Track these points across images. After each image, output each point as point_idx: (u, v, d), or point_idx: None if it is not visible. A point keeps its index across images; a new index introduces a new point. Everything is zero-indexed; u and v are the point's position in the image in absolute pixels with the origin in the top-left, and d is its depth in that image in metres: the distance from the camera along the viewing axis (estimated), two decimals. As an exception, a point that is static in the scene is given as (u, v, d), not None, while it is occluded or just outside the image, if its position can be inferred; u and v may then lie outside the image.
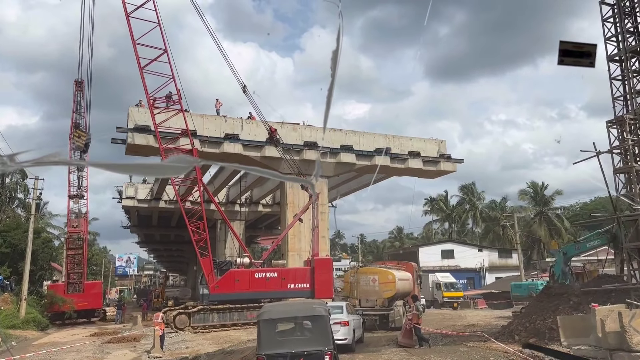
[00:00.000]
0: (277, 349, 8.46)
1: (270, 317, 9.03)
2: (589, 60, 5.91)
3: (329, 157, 34.13)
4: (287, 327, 9.10)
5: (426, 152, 36.85)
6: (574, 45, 5.88)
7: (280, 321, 9.09)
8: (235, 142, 31.63)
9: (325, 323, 8.82)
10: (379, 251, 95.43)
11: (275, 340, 8.70)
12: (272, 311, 9.44)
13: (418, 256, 51.65)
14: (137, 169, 4.27)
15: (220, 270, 24.95)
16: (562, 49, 5.73)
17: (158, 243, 79.63)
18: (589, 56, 5.82)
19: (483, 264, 51.84)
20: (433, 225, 69.51)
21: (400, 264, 26.00)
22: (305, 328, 8.97)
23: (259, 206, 53.77)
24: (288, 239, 32.28)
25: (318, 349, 8.29)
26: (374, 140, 35.95)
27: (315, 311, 9.01)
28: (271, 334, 8.80)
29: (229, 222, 29.22)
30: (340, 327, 14.24)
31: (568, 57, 5.94)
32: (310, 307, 9.55)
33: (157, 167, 5.06)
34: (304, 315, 9.10)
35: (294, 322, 9.13)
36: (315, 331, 8.77)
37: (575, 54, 5.92)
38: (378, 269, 23.83)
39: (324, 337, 8.60)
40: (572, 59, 5.97)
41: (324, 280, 24.60)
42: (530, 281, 24.59)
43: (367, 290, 22.16)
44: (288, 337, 8.90)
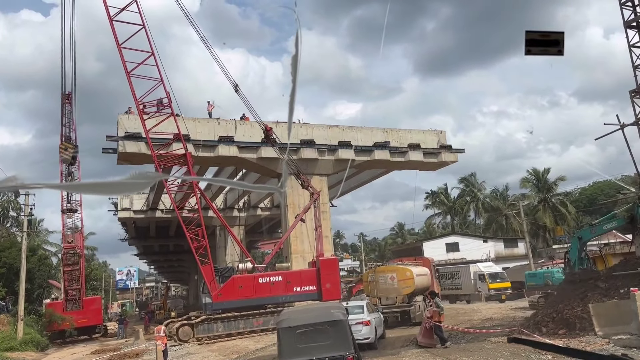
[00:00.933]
0: (298, 356, 8.43)
1: (290, 325, 8.93)
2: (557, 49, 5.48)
3: (327, 155, 33.21)
4: (306, 334, 8.88)
5: (426, 144, 35.98)
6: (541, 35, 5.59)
7: (299, 328, 8.90)
8: (230, 144, 30.69)
9: (344, 327, 8.76)
10: (380, 249, 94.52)
11: (295, 348, 8.61)
12: (290, 319, 9.29)
13: (422, 251, 50.71)
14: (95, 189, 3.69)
15: (222, 277, 23.96)
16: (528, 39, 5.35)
17: (157, 254, 78.73)
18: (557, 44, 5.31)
19: (489, 255, 50.92)
20: (435, 219, 68.66)
21: (417, 260, 25.96)
22: (325, 333, 8.79)
23: (257, 210, 52.80)
24: (290, 241, 31.34)
25: (339, 354, 8.29)
26: (372, 135, 35.06)
27: (334, 316, 8.93)
28: (291, 341, 8.70)
29: (229, 227, 28.22)
30: (362, 326, 14.40)
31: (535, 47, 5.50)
32: (329, 312, 9.36)
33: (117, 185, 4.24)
34: (323, 321, 8.96)
35: (313, 329, 8.92)
36: (335, 336, 8.67)
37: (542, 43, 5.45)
38: (395, 266, 24.12)
39: (344, 341, 8.55)
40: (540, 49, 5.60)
41: (331, 281, 23.63)
42: (545, 269, 23.69)
43: (386, 288, 22.69)
44: (308, 343, 8.69)
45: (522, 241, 54.37)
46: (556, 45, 5.12)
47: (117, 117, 29.40)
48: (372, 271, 24.58)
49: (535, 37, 5.16)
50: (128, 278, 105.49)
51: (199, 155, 29.77)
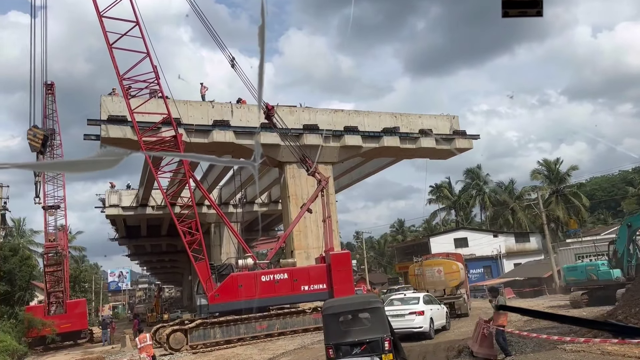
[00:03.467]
0: (342, 338, 9.23)
1: (334, 312, 9.81)
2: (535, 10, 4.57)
3: (332, 141, 30.39)
4: (348, 319, 9.78)
5: (438, 129, 33.24)
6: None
7: (342, 314, 9.80)
8: (226, 129, 27.81)
9: (381, 313, 9.57)
10: (380, 247, 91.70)
11: (339, 331, 9.44)
12: (334, 306, 10.15)
13: (429, 247, 48.06)
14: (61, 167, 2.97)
15: (220, 275, 21.09)
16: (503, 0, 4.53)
17: (150, 254, 75.91)
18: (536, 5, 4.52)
19: (500, 251, 48.30)
20: (439, 214, 65.92)
21: (449, 255, 27.04)
22: (364, 319, 9.69)
23: (254, 206, 49.75)
24: (293, 236, 28.51)
25: (378, 337, 9.00)
26: (380, 120, 32.28)
27: (372, 304, 9.87)
28: (335, 326, 9.55)
29: (226, 218, 25.23)
30: (416, 316, 15.37)
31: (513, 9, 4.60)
32: (367, 300, 10.57)
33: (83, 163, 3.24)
34: (362, 307, 9.93)
35: (354, 315, 9.87)
36: (373, 321, 9.46)
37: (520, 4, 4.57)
38: (442, 260, 25.45)
39: (382, 325, 9.30)
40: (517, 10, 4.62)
41: (343, 279, 20.78)
42: (588, 262, 21.04)
43: (433, 281, 23.66)
44: (350, 327, 9.58)
45: (534, 236, 51.95)
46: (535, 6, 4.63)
47: (100, 99, 26.48)
48: (418, 265, 25.19)
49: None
50: (120, 280, 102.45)
51: (191, 142, 26.82)
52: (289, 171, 29.66)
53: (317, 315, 20.75)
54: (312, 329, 20.43)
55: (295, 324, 20.42)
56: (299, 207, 27.26)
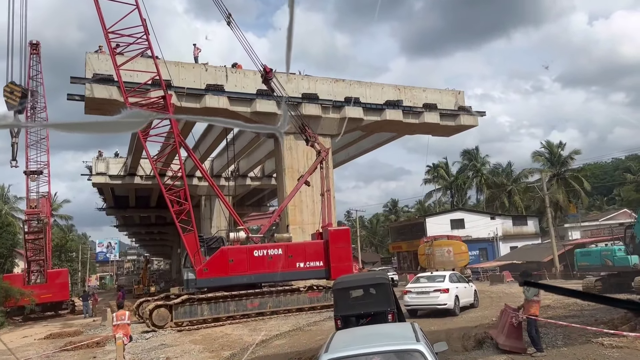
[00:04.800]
0: (350, 311, 9.87)
1: (343, 287, 10.45)
2: None
3: (332, 112, 28.77)
4: (356, 294, 10.61)
5: (442, 104, 31.67)
6: None
7: (350, 289, 10.57)
8: (220, 94, 26.07)
9: (387, 289, 10.02)
10: (372, 226, 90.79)
11: (348, 304, 10.14)
12: (343, 282, 10.85)
13: (425, 227, 46.89)
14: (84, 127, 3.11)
15: (209, 248, 19.65)
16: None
17: (138, 226, 74.59)
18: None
19: (496, 233, 47.27)
20: (435, 194, 64.71)
21: (450, 238, 28.87)
22: (371, 294, 10.39)
23: (246, 179, 48.15)
24: (288, 211, 27.06)
25: (383, 309, 9.54)
26: (383, 92, 30.63)
27: (378, 280, 10.52)
28: (344, 299, 10.21)
29: (218, 189, 23.65)
30: (440, 293, 15.81)
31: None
32: (374, 277, 11.51)
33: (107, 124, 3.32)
34: (369, 283, 10.75)
35: (362, 289, 10.74)
36: (379, 296, 10.02)
37: None
38: (451, 241, 26.98)
39: (387, 300, 9.80)
40: None
41: (341, 256, 19.43)
42: (603, 246, 19.83)
43: (442, 260, 25.02)
44: (358, 301, 10.39)
45: (532, 219, 51.01)
46: None
47: (85, 56, 24.58)
48: (429, 245, 26.22)
49: None
50: (108, 251, 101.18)
51: (182, 106, 25.14)
52: (285, 142, 28.06)
53: (313, 294, 19.47)
54: (306, 308, 19.16)
55: (289, 302, 19.10)
56: (294, 180, 25.78)
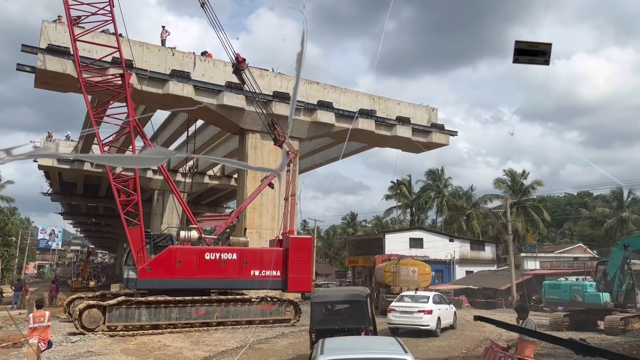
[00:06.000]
0: (325, 325, 9.90)
1: (320, 300, 10.71)
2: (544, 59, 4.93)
3: (303, 115, 27.43)
4: (333, 308, 10.82)
5: (415, 120, 30.87)
6: (529, 45, 4.93)
7: (328, 304, 10.83)
8: (185, 82, 24.30)
9: (363, 306, 10.17)
10: (329, 237, 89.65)
11: (324, 318, 10.33)
12: (321, 295, 11.25)
13: (384, 243, 45.93)
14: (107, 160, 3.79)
15: (156, 246, 17.78)
16: (517, 48, 4.91)
17: (85, 215, 71.04)
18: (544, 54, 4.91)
19: (454, 256, 46.82)
20: (395, 211, 64.09)
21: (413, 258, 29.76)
22: (348, 309, 10.55)
23: (205, 177, 46.04)
24: (246, 214, 25.43)
25: (357, 326, 9.64)
26: (357, 100, 29.57)
27: (357, 297, 10.53)
28: (320, 313, 10.43)
29: (173, 182, 21.75)
30: (424, 314, 15.95)
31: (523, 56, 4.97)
32: (353, 293, 11.25)
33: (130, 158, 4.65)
34: (347, 299, 10.87)
35: (339, 305, 10.93)
36: (356, 312, 10.18)
37: (530, 52, 4.95)
38: (416, 261, 28.25)
39: (363, 317, 9.99)
40: (527, 57, 4.98)
41: (301, 267, 17.91)
42: (574, 281, 19.04)
43: (407, 280, 25.23)
44: (334, 316, 10.60)
45: (490, 245, 50.96)
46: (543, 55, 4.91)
47: (42, 24, 22.36)
48: (394, 263, 26.32)
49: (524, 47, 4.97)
50: (51, 238, 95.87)
51: (143, 90, 23.17)
52: (250, 141, 26.48)
53: (266, 306, 17.88)
54: (257, 321, 17.51)
55: (238, 313, 17.41)
56: (257, 181, 24.17)
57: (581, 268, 30.75)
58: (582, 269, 29.70)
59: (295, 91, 3.34)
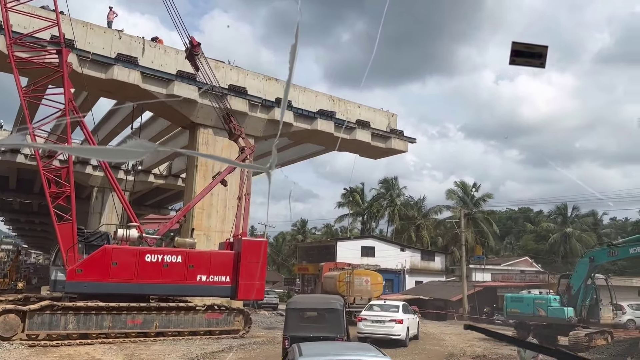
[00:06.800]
0: (299, 332, 9.66)
1: (297, 307, 10.65)
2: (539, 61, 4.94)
3: (260, 112, 25.98)
4: (309, 316, 10.68)
5: (375, 124, 30.05)
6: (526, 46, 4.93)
7: (304, 311, 10.71)
8: (132, 68, 22.33)
9: (339, 315, 10.18)
10: (278, 244, 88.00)
11: (298, 325, 10.12)
12: (298, 302, 11.22)
13: (336, 251, 44.98)
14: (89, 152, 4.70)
15: (89, 245, 15.83)
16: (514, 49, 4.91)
17: (18, 213, 66.16)
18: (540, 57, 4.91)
19: (404, 266, 46.40)
20: (348, 218, 63.35)
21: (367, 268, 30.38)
22: (324, 318, 10.42)
23: (149, 176, 43.45)
24: (194, 214, 23.62)
25: (332, 335, 9.60)
26: (317, 100, 28.43)
27: (332, 305, 10.55)
28: (296, 320, 10.28)
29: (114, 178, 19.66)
30: (395, 324, 16.05)
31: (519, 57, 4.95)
32: (329, 301, 11.12)
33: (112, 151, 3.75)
34: (324, 307, 10.72)
35: (316, 312, 10.78)
36: (331, 321, 10.13)
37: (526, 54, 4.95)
38: (370, 271, 28.31)
39: (338, 326, 9.97)
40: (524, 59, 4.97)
41: (253, 273, 16.38)
42: (537, 294, 18.42)
43: (360, 289, 25.54)
44: (309, 324, 10.41)
45: (440, 255, 51.02)
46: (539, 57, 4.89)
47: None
48: (348, 273, 26.49)
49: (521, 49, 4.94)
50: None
51: (84, 74, 21.03)
52: (201, 136, 24.73)
53: (212, 315, 16.21)
54: (202, 332, 15.82)
55: (181, 323, 15.65)
56: (207, 180, 22.48)
57: (533, 281, 30.70)
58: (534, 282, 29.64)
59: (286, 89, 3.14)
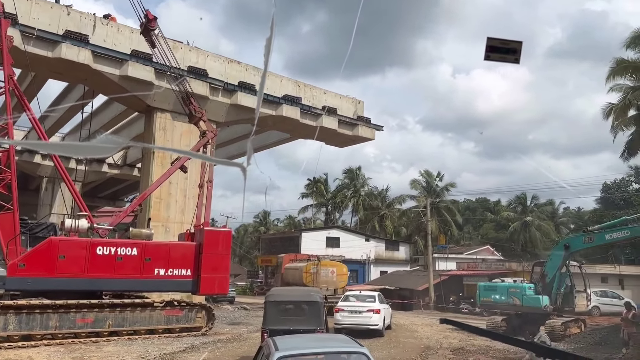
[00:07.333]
0: (278, 325, 9.58)
1: (275, 300, 10.38)
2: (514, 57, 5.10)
3: (222, 96, 24.68)
4: (288, 308, 10.41)
5: (342, 111, 29.20)
6: (501, 42, 5.05)
7: (283, 304, 10.48)
8: (82, 46, 20.63)
9: (319, 308, 10.08)
10: (239, 236, 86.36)
11: (278, 319, 9.97)
12: (277, 294, 10.85)
13: (300, 242, 44.10)
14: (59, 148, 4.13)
15: (34, 238, 14.32)
16: (489, 45, 5.01)
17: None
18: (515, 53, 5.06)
19: (369, 256, 46.00)
20: (312, 209, 62.49)
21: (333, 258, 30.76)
22: (304, 310, 10.24)
23: (103, 165, 41.21)
24: (151, 204, 22.20)
25: (313, 328, 9.49)
26: (282, 85, 27.34)
27: (313, 298, 10.39)
28: (275, 313, 10.10)
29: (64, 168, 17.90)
30: (373, 314, 16.13)
31: (494, 53, 5.10)
32: (309, 294, 11.04)
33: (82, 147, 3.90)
34: (302, 300, 10.57)
35: (295, 305, 10.53)
36: (311, 314, 10.00)
37: (501, 50, 5.08)
38: (335, 262, 28.43)
39: (318, 318, 9.88)
40: (499, 55, 5.13)
41: (217, 265, 15.24)
42: (511, 282, 18.01)
43: (327, 280, 25.74)
44: (289, 317, 10.15)
45: (404, 245, 50.93)
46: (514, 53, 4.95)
47: None
48: (315, 264, 26.62)
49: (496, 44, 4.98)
50: None
51: (28, 52, 19.20)
52: (158, 121, 23.25)
53: (172, 311, 14.99)
54: (160, 330, 14.59)
55: (137, 321, 14.37)
56: (165, 168, 21.06)
57: (499, 269, 30.71)
58: (501, 270, 29.63)
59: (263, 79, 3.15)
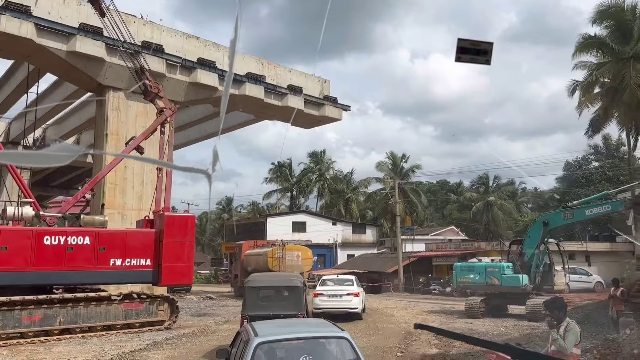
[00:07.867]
0: (258, 311, 9.31)
1: (255, 285, 10.19)
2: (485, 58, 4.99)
3: (180, 74, 23.18)
4: (268, 294, 10.38)
5: (307, 91, 28.12)
6: (471, 43, 4.96)
7: (263, 289, 10.38)
8: (24, 18, 18.77)
9: (300, 293, 9.88)
10: (201, 224, 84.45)
11: (258, 304, 9.79)
12: (256, 280, 10.59)
13: (266, 227, 43.08)
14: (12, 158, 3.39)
15: (-29, 229, 12.73)
16: (459, 46, 4.93)
17: None
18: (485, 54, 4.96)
19: (336, 240, 45.41)
20: (277, 194, 61.26)
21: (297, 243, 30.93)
22: (284, 296, 10.14)
23: (55, 152, 38.68)
24: (106, 189, 20.66)
25: (293, 313, 9.27)
26: (244, 63, 26.10)
27: (293, 282, 10.23)
28: (255, 299, 9.96)
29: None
30: (352, 297, 16.50)
31: (465, 55, 5.00)
32: (289, 279, 11.04)
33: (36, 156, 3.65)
34: (283, 285, 10.45)
35: (275, 291, 10.49)
36: (291, 299, 9.83)
37: (472, 51, 4.98)
38: (300, 246, 28.60)
39: (298, 304, 9.70)
40: (469, 56, 5.03)
41: (179, 254, 14.04)
42: (489, 262, 17.49)
43: (292, 265, 25.61)
44: (269, 302, 10.12)
45: (371, 228, 50.62)
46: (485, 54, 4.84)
47: None
48: (280, 248, 26.40)
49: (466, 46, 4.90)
50: None
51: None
52: (111, 100, 21.57)
53: (130, 305, 13.73)
54: (119, 326, 13.34)
55: (92, 316, 13.05)
56: (119, 150, 19.59)
57: (469, 249, 30.56)
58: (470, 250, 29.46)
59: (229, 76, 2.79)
